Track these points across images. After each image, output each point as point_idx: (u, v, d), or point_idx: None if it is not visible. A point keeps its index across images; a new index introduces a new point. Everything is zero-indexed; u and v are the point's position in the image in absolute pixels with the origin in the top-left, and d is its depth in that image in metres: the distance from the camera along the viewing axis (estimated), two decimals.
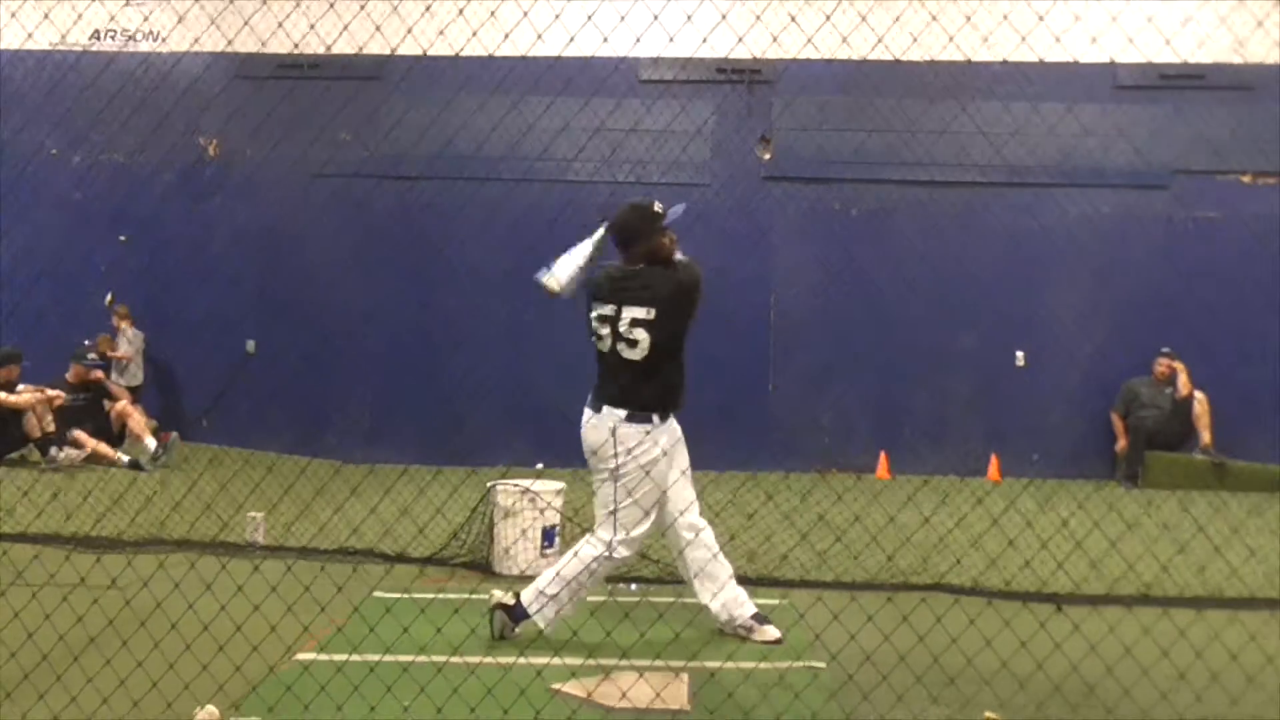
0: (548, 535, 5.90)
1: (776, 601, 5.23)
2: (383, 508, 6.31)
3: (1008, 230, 9.85)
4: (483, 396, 10.23)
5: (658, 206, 4.57)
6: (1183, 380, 10.62)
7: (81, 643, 4.02)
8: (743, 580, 4.93)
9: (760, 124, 11.11)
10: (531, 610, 4.52)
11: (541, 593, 4.51)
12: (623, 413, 4.43)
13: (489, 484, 6.10)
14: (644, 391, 4.47)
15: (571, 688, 3.94)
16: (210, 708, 3.51)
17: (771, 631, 4.72)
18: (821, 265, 10.30)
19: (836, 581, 5.58)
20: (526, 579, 4.96)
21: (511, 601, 4.58)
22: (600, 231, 4.60)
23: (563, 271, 4.53)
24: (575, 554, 4.55)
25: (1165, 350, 10.69)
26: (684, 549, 4.68)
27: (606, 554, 4.47)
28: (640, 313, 4.43)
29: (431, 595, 5.02)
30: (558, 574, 4.53)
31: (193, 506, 6.13)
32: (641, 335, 4.43)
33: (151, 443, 9.66)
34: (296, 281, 10.77)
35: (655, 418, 4.47)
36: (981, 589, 5.52)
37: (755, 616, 4.75)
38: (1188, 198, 10.95)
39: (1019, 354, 11.00)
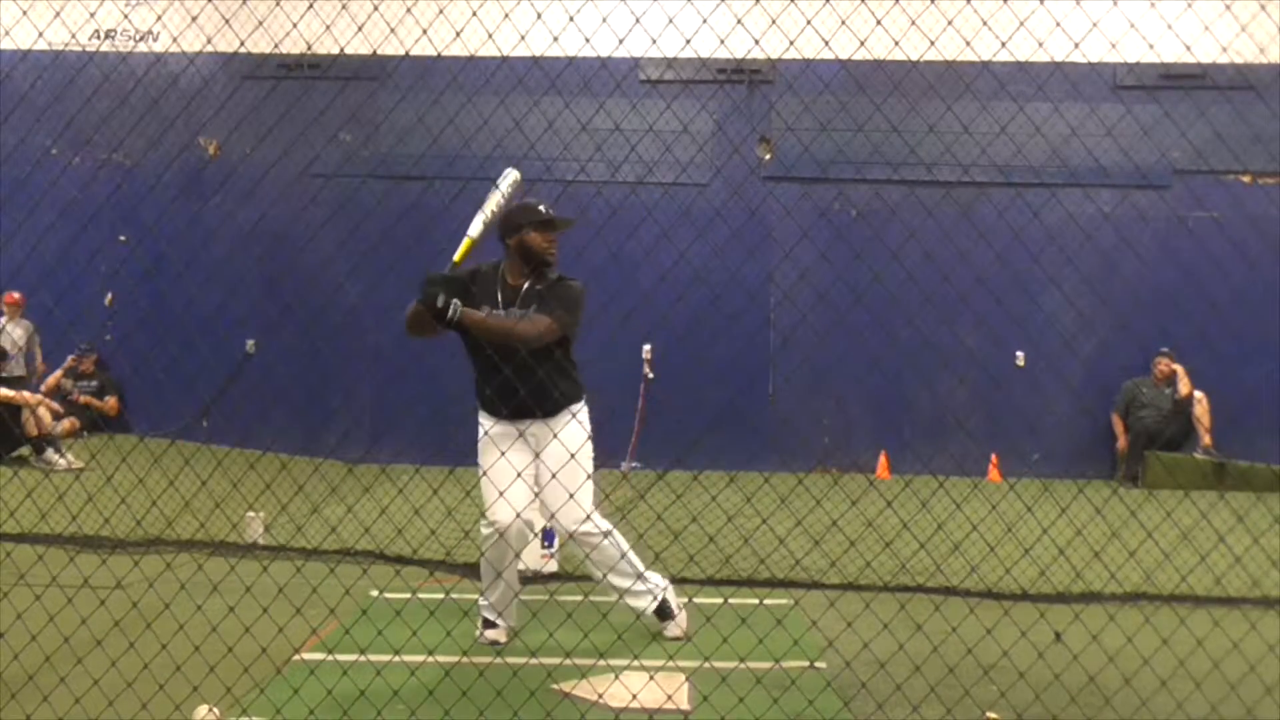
0: (548, 536, 5.90)
1: (785, 602, 5.23)
2: (378, 507, 6.29)
3: (1008, 230, 9.84)
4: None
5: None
6: (1183, 380, 10.64)
7: (85, 644, 4.02)
8: (748, 583, 4.94)
9: (761, 124, 11.11)
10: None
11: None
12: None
13: None
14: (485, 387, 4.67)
15: (580, 689, 3.94)
16: (212, 708, 3.51)
17: (672, 628, 4.75)
18: (822, 265, 10.29)
19: (842, 583, 5.58)
20: (526, 579, 5.01)
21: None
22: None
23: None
24: None
25: (1164, 350, 10.71)
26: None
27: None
28: None
29: (439, 596, 5.02)
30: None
31: (193, 506, 6.12)
32: None
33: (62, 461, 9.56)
34: (296, 281, 10.75)
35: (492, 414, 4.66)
36: (983, 590, 5.54)
37: (659, 611, 4.76)
38: (1188, 198, 10.96)
39: (1019, 354, 11.01)
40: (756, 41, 4.90)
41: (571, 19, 4.46)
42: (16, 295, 10.87)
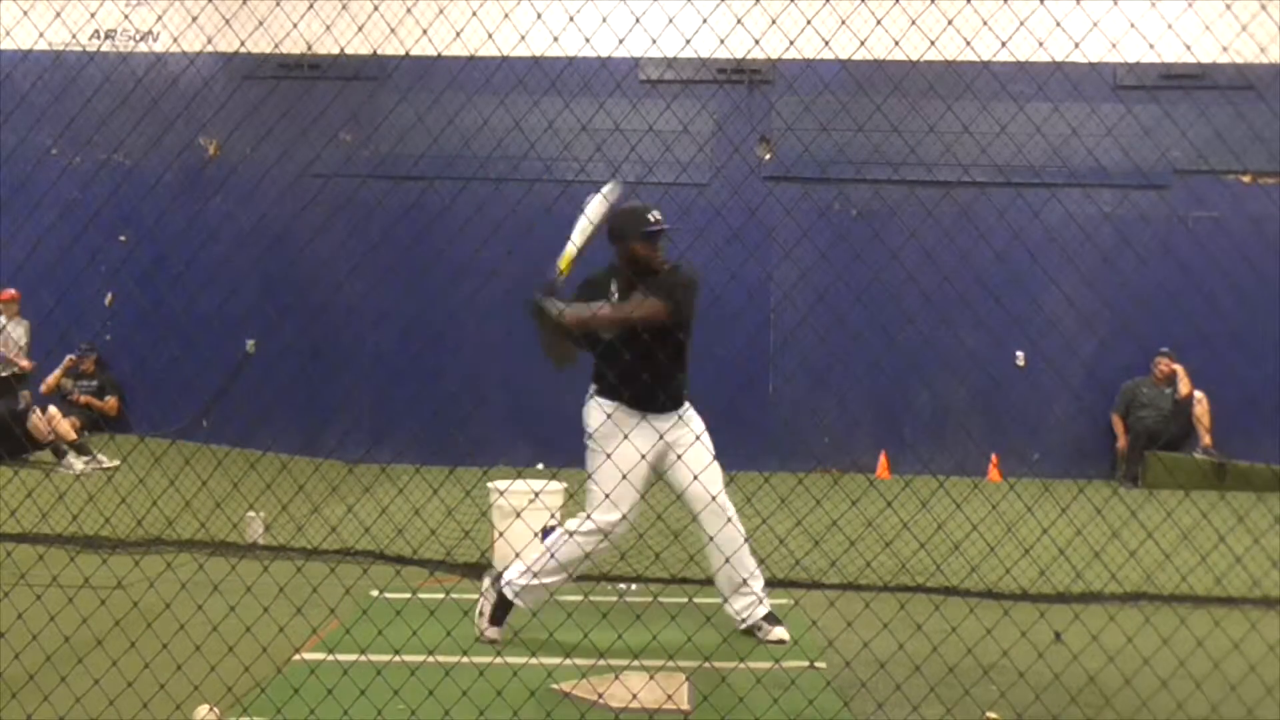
0: (548, 535, 5.88)
1: (785, 602, 5.24)
2: (378, 507, 6.30)
3: (1008, 230, 9.85)
4: (483, 396, 10.23)
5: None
6: (1183, 380, 10.64)
7: (85, 644, 4.02)
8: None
9: (761, 124, 11.11)
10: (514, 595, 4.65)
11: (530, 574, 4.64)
12: (593, 388, 4.72)
13: (489, 484, 6.10)
14: (607, 373, 4.65)
15: (580, 689, 3.94)
16: (213, 708, 3.51)
17: (780, 632, 4.75)
18: (822, 265, 10.29)
19: (842, 583, 5.58)
20: None
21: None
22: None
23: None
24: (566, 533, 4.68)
25: (1164, 350, 10.71)
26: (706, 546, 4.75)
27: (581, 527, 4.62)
28: None
29: (439, 596, 5.02)
30: (551, 555, 4.64)
31: (194, 506, 6.12)
32: None
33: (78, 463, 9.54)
34: (296, 281, 10.76)
35: (614, 399, 4.63)
36: (983, 590, 5.54)
37: (767, 617, 4.77)
38: (1188, 198, 10.97)
39: (1019, 354, 11.00)
40: (756, 41, 4.91)
41: (571, 19, 4.46)
42: (11, 291, 10.77)
